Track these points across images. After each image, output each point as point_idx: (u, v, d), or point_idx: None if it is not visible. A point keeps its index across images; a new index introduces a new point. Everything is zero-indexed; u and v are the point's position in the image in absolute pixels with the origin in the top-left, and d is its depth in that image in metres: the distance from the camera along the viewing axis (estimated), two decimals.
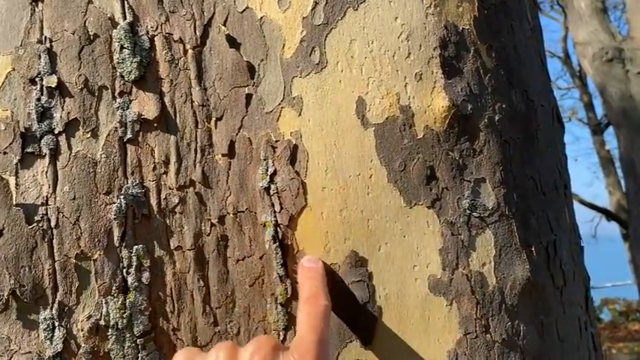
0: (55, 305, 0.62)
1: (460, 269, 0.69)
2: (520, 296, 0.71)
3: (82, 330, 0.61)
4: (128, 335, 0.62)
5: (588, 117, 14.14)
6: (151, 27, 0.70)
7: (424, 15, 0.73)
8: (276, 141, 0.69)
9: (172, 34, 0.70)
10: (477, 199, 0.71)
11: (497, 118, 0.74)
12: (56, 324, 0.61)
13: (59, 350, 0.61)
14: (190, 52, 0.70)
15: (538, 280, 0.73)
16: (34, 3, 0.69)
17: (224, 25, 0.71)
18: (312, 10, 0.71)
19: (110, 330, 0.62)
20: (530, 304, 0.72)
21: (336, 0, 0.71)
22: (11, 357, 0.60)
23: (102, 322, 0.62)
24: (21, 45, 0.68)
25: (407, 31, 0.72)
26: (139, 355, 0.62)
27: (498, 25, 0.78)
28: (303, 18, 0.71)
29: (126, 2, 0.70)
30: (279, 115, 0.70)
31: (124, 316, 0.62)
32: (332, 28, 0.71)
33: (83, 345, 0.61)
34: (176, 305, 0.65)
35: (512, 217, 0.72)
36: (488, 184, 0.72)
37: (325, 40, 0.71)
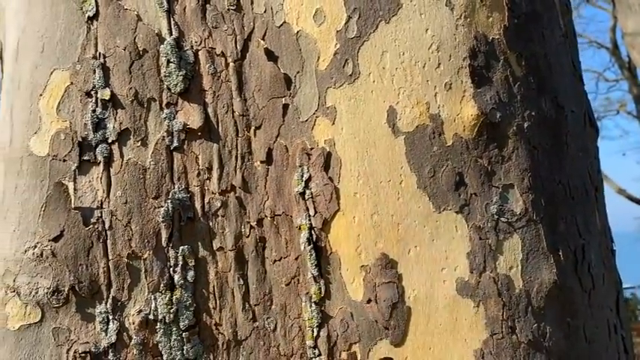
0: (110, 300, 0.68)
1: (487, 272, 0.71)
2: (547, 299, 0.73)
3: (134, 323, 0.67)
4: (174, 329, 0.68)
5: (637, 109, 13.65)
6: (195, 42, 0.75)
7: (454, 26, 0.75)
8: (311, 148, 0.73)
9: (215, 49, 0.75)
10: (504, 204, 0.73)
11: (526, 125, 0.76)
12: (110, 317, 0.67)
13: (113, 341, 0.67)
14: (231, 65, 0.75)
15: (565, 283, 0.75)
16: (89, 21, 0.75)
17: (263, 39, 0.76)
18: (345, 24, 0.74)
19: (158, 324, 0.68)
20: (557, 307, 0.74)
21: (369, 14, 0.74)
22: (71, 346, 0.66)
23: (151, 317, 0.68)
24: (78, 60, 0.74)
25: (437, 42, 0.75)
26: (184, 347, 0.68)
27: (529, 33, 0.80)
28: (337, 31, 0.74)
29: (172, 19, 0.75)
30: (314, 124, 0.74)
31: (171, 311, 0.68)
32: (364, 41, 0.74)
33: (134, 337, 0.67)
34: (218, 302, 0.70)
35: (539, 222, 0.74)
36: (516, 190, 0.74)
37: (358, 52, 0.74)
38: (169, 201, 0.70)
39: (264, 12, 0.76)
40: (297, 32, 0.75)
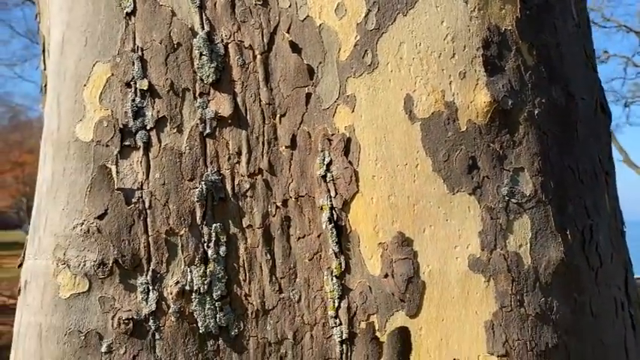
0: (150, 272, 0.75)
1: (498, 250, 0.76)
2: (554, 275, 0.78)
3: (172, 293, 0.74)
4: (208, 299, 0.74)
5: None
6: (225, 35, 0.81)
7: (468, 18, 0.79)
8: (332, 134, 0.79)
9: (243, 42, 0.81)
10: (515, 186, 0.78)
11: (536, 112, 0.80)
12: (150, 288, 0.74)
13: (153, 309, 0.74)
14: (259, 57, 0.81)
15: (572, 261, 0.79)
16: (127, 17, 0.82)
17: (287, 32, 0.81)
18: (365, 16, 0.79)
19: (194, 294, 0.74)
20: (564, 283, 0.78)
21: (387, 7, 0.79)
22: (115, 314, 0.74)
23: (187, 287, 0.74)
24: (118, 53, 0.80)
25: (452, 34, 0.79)
26: (217, 315, 0.75)
27: (541, 24, 0.84)
28: (357, 24, 0.79)
29: (204, 14, 0.81)
30: (335, 112, 0.79)
31: (205, 282, 0.74)
32: (383, 33, 0.79)
33: (172, 306, 0.74)
34: (247, 274, 0.77)
35: (548, 204, 0.79)
36: (526, 173, 0.79)
37: (377, 43, 0.79)
38: (203, 183, 0.77)
39: (289, 7, 0.81)
40: (320, 25, 0.80)
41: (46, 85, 1.01)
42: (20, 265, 0.83)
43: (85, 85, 0.80)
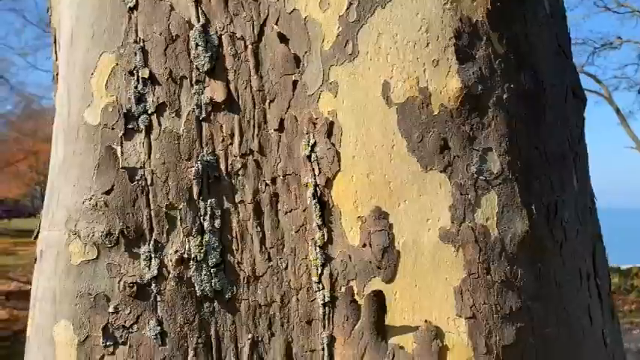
0: (152, 242, 0.83)
1: (467, 222, 0.84)
2: (519, 246, 0.85)
3: (171, 261, 0.83)
4: (204, 266, 0.83)
5: None
6: (219, 27, 0.89)
7: (442, 10, 0.86)
8: (317, 118, 0.86)
9: (235, 33, 0.89)
10: (483, 165, 0.85)
11: (505, 96, 0.87)
12: (152, 256, 0.83)
13: (155, 275, 0.82)
14: (250, 47, 0.88)
15: (537, 233, 0.86)
16: (130, 11, 0.89)
17: (276, 24, 0.88)
18: (346, 9, 0.86)
19: (191, 261, 0.83)
20: (529, 253, 0.86)
21: (367, 0, 0.86)
22: (121, 278, 0.82)
23: (185, 256, 0.83)
24: (122, 45, 0.88)
25: (426, 25, 0.86)
26: (212, 280, 0.83)
27: (511, 15, 0.90)
28: (340, 16, 0.87)
29: (199, 8, 0.89)
30: (319, 97, 0.87)
31: (202, 251, 0.83)
32: (363, 24, 0.86)
33: (172, 272, 0.83)
34: (240, 245, 0.85)
35: (514, 181, 0.86)
36: (494, 153, 0.86)
37: (357, 34, 0.86)
38: (199, 162, 0.85)
39: (277, 0, 0.89)
40: (305, 18, 0.88)
41: (57, 75, 1.10)
42: (36, 237, 0.92)
43: (92, 74, 0.88)
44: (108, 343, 0.80)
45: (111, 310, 0.81)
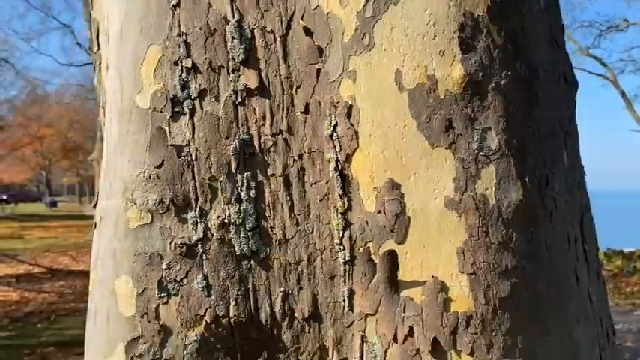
0: (197, 209, 0.97)
1: (468, 192, 0.97)
2: (514, 212, 0.98)
3: (214, 225, 0.96)
4: (242, 229, 0.96)
5: None
6: (252, 22, 1.01)
7: (447, 6, 0.98)
8: (338, 102, 0.99)
9: (266, 27, 1.01)
10: (483, 142, 0.98)
11: (502, 82, 0.99)
12: (198, 221, 0.96)
13: (201, 237, 0.96)
14: (278, 39, 1.01)
15: (529, 202, 0.99)
16: (173, 8, 1.02)
17: (301, 19, 1.01)
18: (364, 6, 0.98)
19: (231, 226, 0.96)
20: (522, 219, 0.99)
21: None
22: (172, 240, 0.96)
23: (226, 221, 0.96)
24: (167, 38, 1.01)
25: (434, 19, 0.98)
26: (249, 242, 0.97)
27: (508, 10, 1.02)
28: (357, 12, 0.99)
29: (234, 5, 1.01)
30: (340, 84, 0.99)
31: (240, 217, 0.96)
32: (378, 19, 0.98)
33: (215, 234, 0.96)
34: (272, 212, 0.98)
35: (510, 156, 0.99)
36: (493, 132, 0.98)
37: (373, 28, 0.99)
38: (236, 141, 0.98)
39: None
40: (327, 13, 1.00)
41: (100, 64, 1.23)
42: (94, 206, 1.06)
43: (141, 64, 1.01)
44: (162, 294, 0.94)
45: (164, 266, 0.95)
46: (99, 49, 1.24)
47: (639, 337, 6.78)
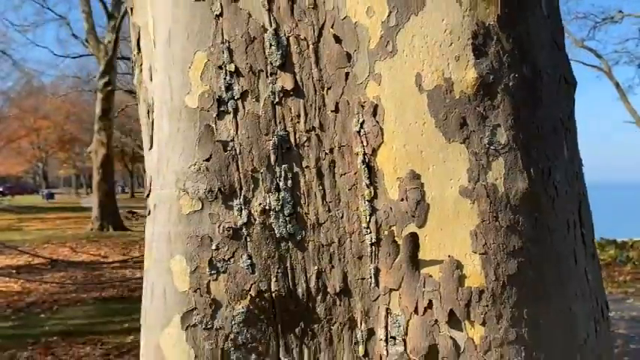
0: (242, 197, 1.09)
1: (480, 182, 1.09)
2: (520, 200, 1.11)
3: (257, 211, 1.09)
4: (281, 215, 1.09)
5: None
6: (287, 31, 1.13)
7: (462, 17, 1.11)
8: (364, 102, 1.11)
9: (300, 35, 1.13)
10: (493, 137, 1.10)
11: (510, 84, 1.12)
12: (242, 207, 1.09)
13: (245, 222, 1.09)
14: (311, 46, 1.13)
15: (534, 190, 1.12)
16: (217, 18, 1.14)
17: (332, 28, 1.13)
18: (387, 16, 1.11)
19: (271, 212, 1.09)
20: (528, 206, 1.11)
21: (404, 9, 1.10)
22: (220, 224, 1.08)
23: (267, 207, 1.09)
24: (212, 45, 1.13)
25: (450, 28, 1.10)
26: (287, 226, 1.09)
27: (515, 19, 1.15)
28: (382, 22, 1.11)
29: (271, 15, 1.13)
30: (366, 85, 1.12)
31: (279, 204, 1.09)
32: (400, 28, 1.11)
33: (257, 219, 1.09)
34: (307, 199, 1.11)
35: (517, 150, 1.11)
36: (502, 128, 1.11)
37: (396, 36, 1.11)
38: (275, 137, 1.10)
39: (332, 9, 1.13)
40: (355, 23, 1.12)
41: (142, 65, 1.35)
42: (147, 196, 1.18)
43: (189, 68, 1.13)
44: (212, 272, 1.07)
45: (213, 247, 1.08)
46: (139, 52, 1.36)
47: (632, 325, 6.96)
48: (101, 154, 21.60)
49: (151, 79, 1.26)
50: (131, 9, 1.39)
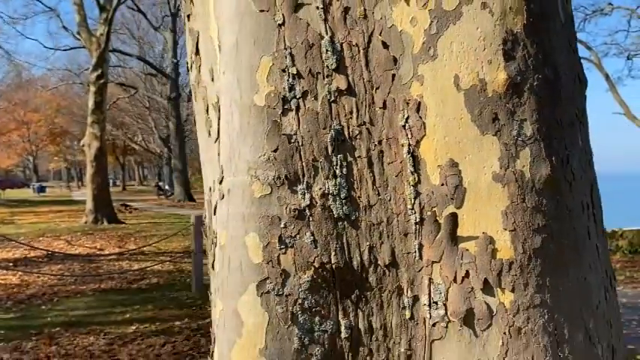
0: (305, 183, 1.26)
1: (510, 169, 1.27)
2: (544, 184, 1.28)
3: (317, 195, 1.25)
4: (338, 198, 1.26)
5: None
6: (341, 38, 1.30)
7: (493, 25, 1.27)
8: (409, 100, 1.28)
9: (352, 42, 1.29)
10: (521, 130, 1.28)
11: (535, 84, 1.29)
12: (305, 192, 1.26)
13: (308, 204, 1.25)
14: (362, 51, 1.29)
15: (555, 175, 1.30)
16: (279, 27, 1.30)
17: (380, 35, 1.29)
18: (429, 25, 1.27)
19: (330, 195, 1.26)
20: (550, 189, 1.29)
21: (443, 19, 1.27)
22: (287, 206, 1.25)
23: (326, 191, 1.26)
24: (275, 50, 1.29)
25: (483, 35, 1.27)
26: (343, 207, 1.26)
27: (539, 27, 1.32)
28: (424, 30, 1.28)
29: (327, 25, 1.29)
30: (410, 85, 1.28)
31: (336, 189, 1.26)
32: (440, 35, 1.27)
33: (318, 202, 1.26)
34: (359, 184, 1.28)
35: (541, 141, 1.29)
36: (528, 122, 1.28)
37: (437, 42, 1.27)
38: (331, 130, 1.27)
39: (380, 19, 1.29)
40: (400, 31, 1.29)
41: (200, 66, 1.50)
42: (220, 182, 1.35)
43: (256, 71, 1.29)
44: (281, 247, 1.24)
45: (282, 226, 1.25)
46: (197, 54, 1.52)
47: (622, 311, 7.21)
48: (94, 147, 21.60)
49: (212, 80, 1.42)
50: (188, 16, 1.55)
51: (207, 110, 1.49)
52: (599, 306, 1.39)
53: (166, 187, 42.35)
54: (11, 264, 12.05)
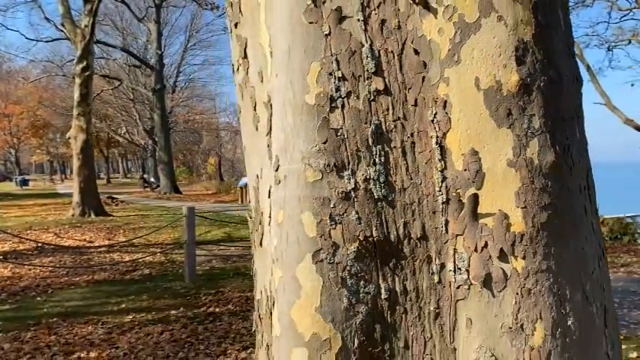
0: (350, 170, 1.49)
1: (521, 156, 1.51)
2: (549, 169, 1.52)
3: (360, 180, 1.48)
4: (377, 182, 1.49)
5: None
6: (378, 45, 1.52)
7: (508, 35, 1.51)
8: (436, 98, 1.51)
9: (388, 49, 1.52)
10: (530, 124, 1.52)
11: (542, 84, 1.53)
12: (350, 177, 1.48)
13: (353, 187, 1.48)
14: (396, 57, 1.52)
15: (558, 162, 1.54)
16: (326, 37, 1.52)
17: (412, 43, 1.52)
18: (454, 35, 1.50)
19: (370, 180, 1.49)
20: (555, 173, 1.53)
21: (466, 30, 1.50)
22: (335, 189, 1.48)
23: (367, 177, 1.49)
24: (323, 56, 1.51)
25: (499, 44, 1.51)
26: (382, 190, 1.49)
27: (544, 35, 1.55)
28: (450, 39, 1.51)
29: (367, 34, 1.52)
30: (438, 86, 1.51)
31: (375, 174, 1.49)
32: (463, 44, 1.50)
33: (361, 185, 1.49)
34: (395, 170, 1.51)
35: (547, 132, 1.53)
36: (536, 117, 1.52)
37: (460, 49, 1.50)
38: (371, 125, 1.50)
39: (412, 29, 1.52)
40: (429, 40, 1.51)
41: (248, 68, 1.72)
42: (277, 170, 1.57)
43: (307, 75, 1.51)
44: (332, 223, 1.47)
45: (331, 206, 1.48)
46: (245, 58, 1.74)
47: None
48: (80, 139, 21.52)
49: (262, 81, 1.64)
50: (235, 24, 1.76)
51: (254, 108, 1.71)
52: (594, 272, 1.64)
53: (151, 179, 42.17)
54: (1, 257, 12.03)
